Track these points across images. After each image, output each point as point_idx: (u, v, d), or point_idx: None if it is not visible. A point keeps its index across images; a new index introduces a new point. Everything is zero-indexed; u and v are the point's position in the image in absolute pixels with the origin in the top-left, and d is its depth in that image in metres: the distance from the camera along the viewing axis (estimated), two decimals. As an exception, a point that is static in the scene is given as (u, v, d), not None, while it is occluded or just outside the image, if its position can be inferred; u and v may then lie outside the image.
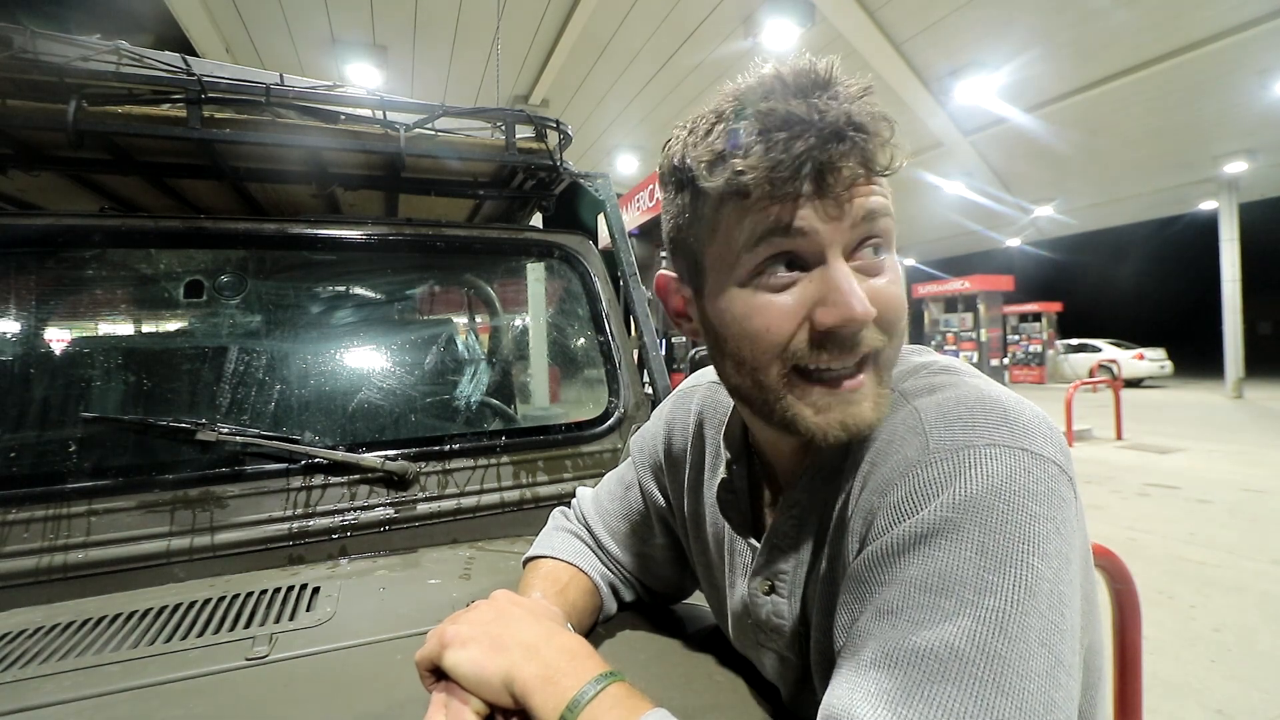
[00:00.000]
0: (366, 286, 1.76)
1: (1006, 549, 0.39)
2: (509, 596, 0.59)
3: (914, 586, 0.41)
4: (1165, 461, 6.75)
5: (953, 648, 0.38)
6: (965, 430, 0.44)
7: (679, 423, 0.75)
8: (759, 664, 0.64)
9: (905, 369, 0.54)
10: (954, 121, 11.34)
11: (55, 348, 1.30)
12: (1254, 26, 7.94)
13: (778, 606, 0.58)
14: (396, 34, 9.10)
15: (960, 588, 0.39)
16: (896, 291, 0.49)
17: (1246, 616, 3.09)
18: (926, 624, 0.39)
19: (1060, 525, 0.41)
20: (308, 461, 1.12)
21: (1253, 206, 14.20)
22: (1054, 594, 0.39)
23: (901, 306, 0.50)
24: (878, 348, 0.48)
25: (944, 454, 0.43)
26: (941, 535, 0.41)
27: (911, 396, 0.50)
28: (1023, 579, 0.39)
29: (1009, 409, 0.44)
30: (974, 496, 0.41)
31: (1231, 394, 12.79)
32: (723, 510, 0.65)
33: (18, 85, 1.07)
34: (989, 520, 0.40)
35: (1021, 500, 0.40)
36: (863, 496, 0.48)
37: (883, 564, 0.43)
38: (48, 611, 0.89)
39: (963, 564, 0.40)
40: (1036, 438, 0.43)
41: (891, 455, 0.46)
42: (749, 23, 8.63)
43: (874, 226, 0.47)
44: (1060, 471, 0.42)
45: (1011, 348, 17.13)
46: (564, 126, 1.46)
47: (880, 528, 0.44)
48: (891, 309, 0.49)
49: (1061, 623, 0.39)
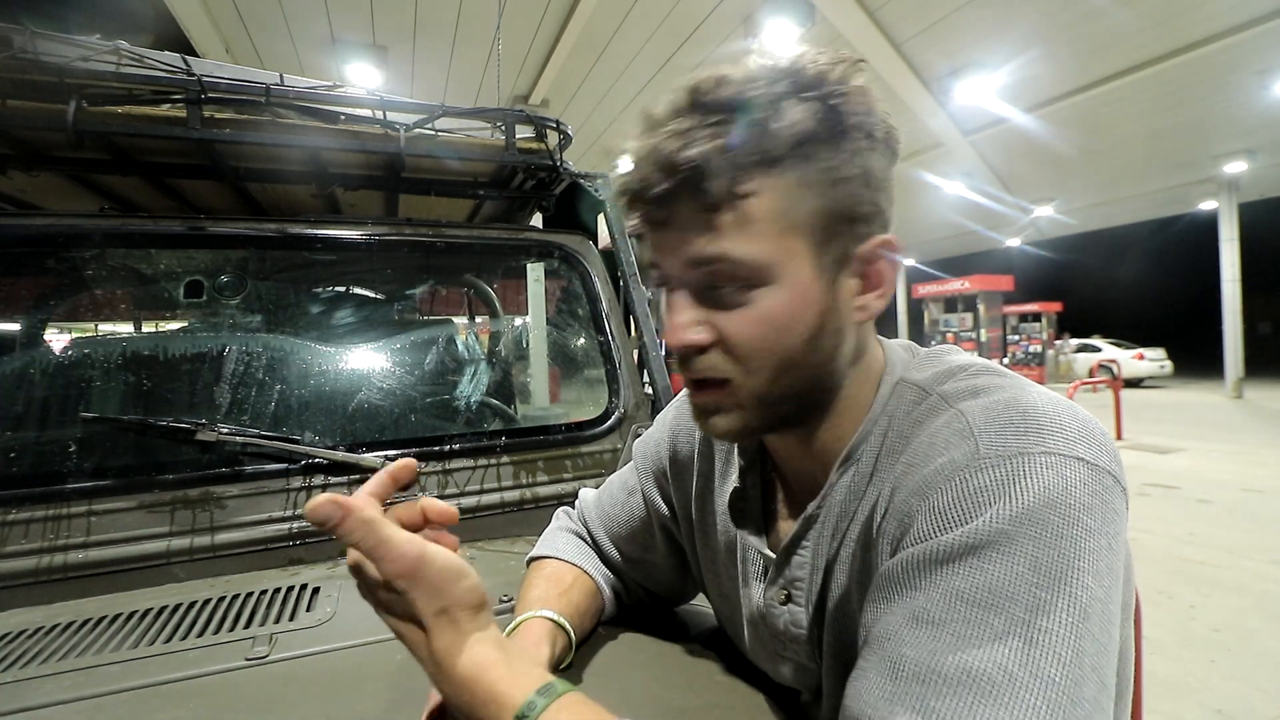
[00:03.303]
0: (366, 287, 1.76)
1: (1061, 566, 0.38)
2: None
3: (961, 599, 0.39)
4: (1165, 461, 6.75)
5: (1006, 670, 0.36)
6: (1018, 436, 0.42)
7: (684, 429, 0.74)
8: (774, 673, 0.63)
9: (941, 371, 0.52)
10: (954, 121, 11.33)
11: (55, 347, 1.30)
12: (1254, 26, 7.94)
13: (795, 616, 0.57)
14: (396, 34, 9.10)
15: (1012, 605, 0.38)
16: (753, 329, 0.48)
17: (1246, 616, 3.09)
18: (975, 641, 0.38)
19: (1113, 540, 0.40)
20: (308, 461, 1.12)
21: (1253, 206, 14.21)
22: (1105, 615, 0.38)
23: (761, 343, 0.49)
24: (728, 378, 0.50)
25: (996, 460, 0.41)
26: (993, 548, 0.39)
27: (954, 399, 0.48)
28: (1077, 599, 0.37)
29: (1061, 414, 0.43)
30: (1028, 508, 0.39)
31: (1231, 394, 12.79)
32: (735, 519, 0.64)
33: (18, 85, 1.07)
34: (1043, 535, 0.38)
35: (1077, 514, 0.39)
36: (897, 498, 0.46)
37: (923, 569, 0.41)
38: (48, 611, 0.89)
39: (1015, 580, 0.38)
40: (1092, 445, 0.42)
41: (934, 458, 0.44)
42: (749, 23, 8.63)
43: (712, 269, 0.48)
44: (1115, 482, 0.41)
45: (1011, 348, 17.12)
46: (564, 126, 1.46)
47: (922, 531, 0.43)
48: (740, 344, 0.49)
49: (1110, 645, 0.38)
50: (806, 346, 0.49)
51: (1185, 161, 11.97)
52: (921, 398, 0.51)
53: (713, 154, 0.45)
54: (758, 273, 0.47)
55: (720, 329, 0.49)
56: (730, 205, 0.46)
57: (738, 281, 0.48)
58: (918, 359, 0.57)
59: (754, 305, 0.48)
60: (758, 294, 0.48)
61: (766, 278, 0.47)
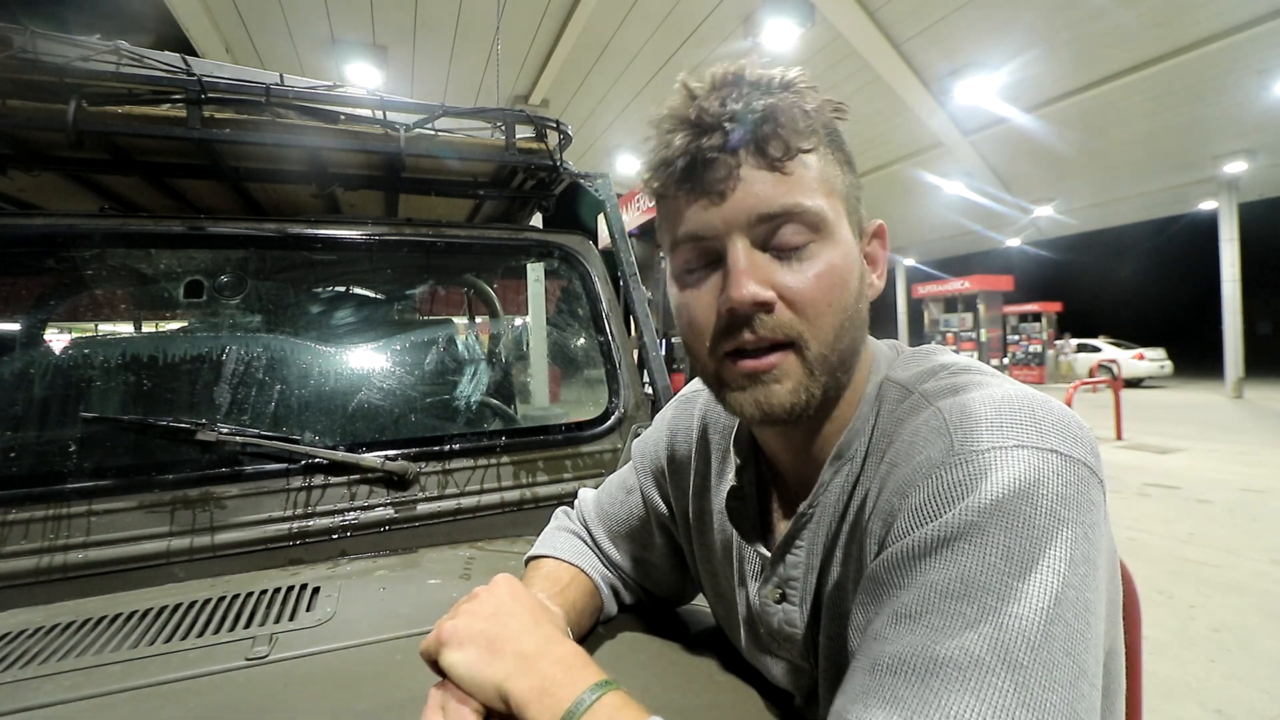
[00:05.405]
0: (366, 287, 1.76)
1: (1033, 554, 0.38)
2: (510, 587, 0.57)
3: (934, 591, 0.40)
4: (1165, 461, 6.75)
5: (974, 656, 0.37)
6: (991, 431, 0.42)
7: (682, 429, 0.74)
8: (768, 673, 0.64)
9: (924, 370, 0.53)
10: (954, 121, 11.34)
11: (55, 347, 1.30)
12: (1254, 26, 7.95)
13: (789, 615, 0.57)
14: (396, 34, 9.11)
15: (983, 594, 0.38)
16: (816, 282, 0.49)
17: (1246, 616, 3.08)
18: (947, 630, 0.38)
19: (1089, 530, 0.40)
20: (308, 462, 1.12)
21: (1253, 206, 14.20)
22: (1080, 601, 0.38)
23: (825, 297, 0.49)
24: (793, 336, 0.49)
25: (969, 455, 0.42)
26: (965, 539, 0.39)
27: (933, 398, 0.49)
28: (1048, 586, 0.38)
29: (1037, 408, 0.43)
30: (1000, 499, 0.39)
31: (1231, 394, 12.79)
32: (731, 518, 0.64)
33: (18, 85, 1.07)
34: (1015, 524, 0.39)
35: (1050, 504, 0.39)
36: (881, 498, 0.47)
37: (902, 566, 0.42)
38: (48, 611, 0.88)
39: (986, 569, 0.38)
40: (1066, 438, 0.42)
41: (913, 456, 0.45)
42: (749, 23, 8.63)
43: (779, 220, 0.49)
44: (1090, 474, 0.41)
45: (1011, 348, 17.13)
46: (564, 126, 1.46)
47: (901, 530, 0.43)
48: (805, 296, 0.49)
49: (1086, 631, 0.38)
50: (856, 305, 0.52)
51: (1185, 161, 11.96)
52: (904, 396, 0.52)
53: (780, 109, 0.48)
54: (823, 225, 0.50)
55: (785, 285, 0.49)
56: (794, 160, 0.49)
57: (804, 235, 0.49)
58: (902, 358, 0.58)
59: (816, 259, 0.50)
60: (816, 248, 0.50)
61: (826, 232, 0.50)
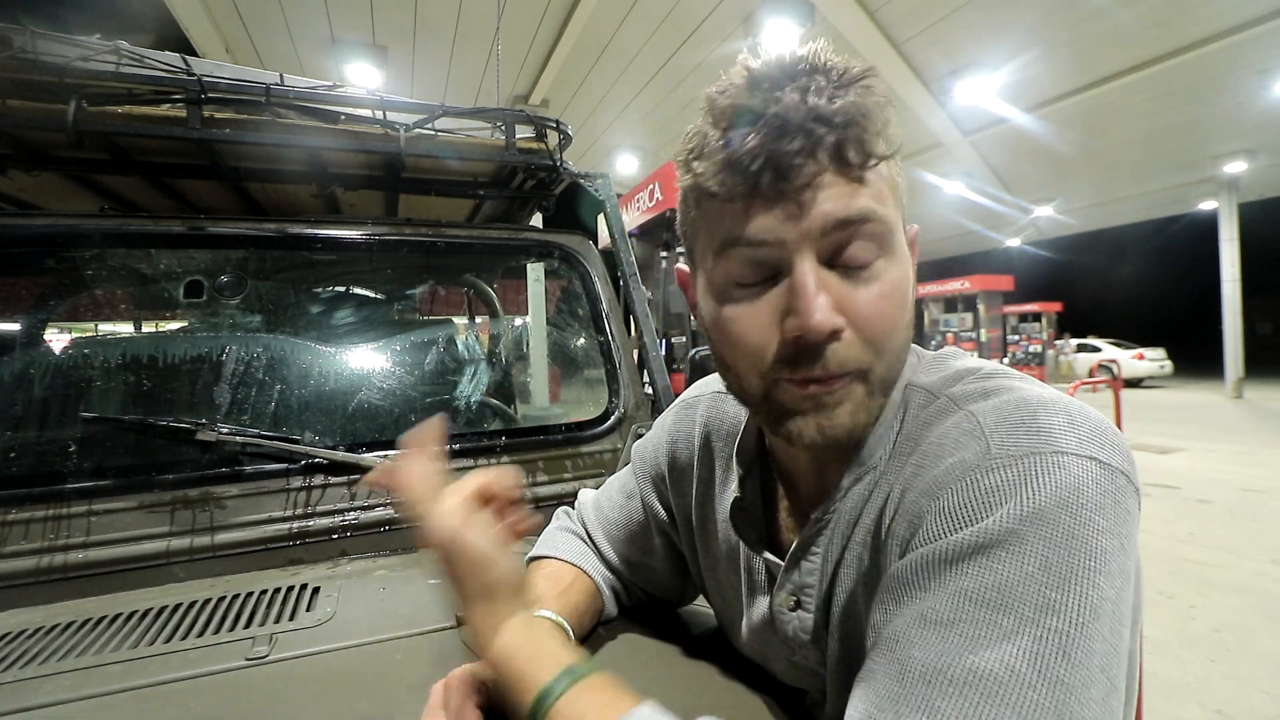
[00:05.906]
0: (366, 287, 1.76)
1: (1072, 566, 0.37)
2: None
3: (969, 599, 0.38)
4: (1165, 461, 6.76)
5: (1012, 669, 0.36)
6: (1030, 436, 0.41)
7: (683, 435, 0.73)
8: (774, 674, 0.63)
9: (949, 374, 0.52)
10: (954, 121, 11.34)
11: (55, 347, 1.30)
12: (1254, 26, 7.95)
13: (804, 621, 0.56)
14: (396, 34, 9.11)
15: (1021, 605, 0.37)
16: (884, 305, 0.46)
17: (1246, 616, 3.09)
18: (983, 641, 0.37)
19: (1125, 540, 0.39)
20: (308, 462, 1.12)
21: (1253, 206, 14.21)
22: (1115, 615, 0.38)
23: (892, 322, 0.46)
24: (861, 368, 0.46)
25: (1007, 460, 0.40)
26: (1003, 547, 0.38)
27: (964, 401, 0.47)
28: (1088, 599, 0.37)
29: (1073, 414, 0.42)
30: (1040, 508, 0.38)
31: (1231, 394, 12.79)
32: (737, 527, 0.63)
33: (18, 85, 1.07)
34: (1054, 534, 0.38)
35: (1089, 514, 0.38)
36: (906, 499, 0.46)
37: (931, 569, 0.41)
38: (48, 611, 0.88)
39: (1024, 580, 0.37)
40: (1105, 445, 0.41)
41: (944, 458, 0.44)
42: (749, 23, 8.63)
43: (852, 231, 0.44)
44: (1128, 482, 0.40)
45: (1011, 348, 17.13)
46: (564, 126, 1.46)
47: (932, 532, 0.42)
48: (875, 324, 0.46)
49: (1120, 645, 0.38)
50: (910, 325, 0.49)
51: (1185, 161, 11.97)
52: (929, 400, 0.50)
53: (865, 110, 0.44)
54: (890, 236, 0.46)
55: (855, 310, 0.45)
56: (868, 166, 0.45)
57: (871, 251, 0.46)
58: (924, 363, 0.56)
59: (882, 278, 0.46)
60: (882, 264, 0.46)
61: (892, 245, 0.47)
